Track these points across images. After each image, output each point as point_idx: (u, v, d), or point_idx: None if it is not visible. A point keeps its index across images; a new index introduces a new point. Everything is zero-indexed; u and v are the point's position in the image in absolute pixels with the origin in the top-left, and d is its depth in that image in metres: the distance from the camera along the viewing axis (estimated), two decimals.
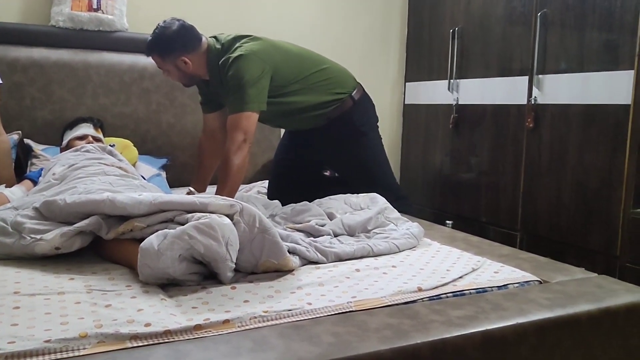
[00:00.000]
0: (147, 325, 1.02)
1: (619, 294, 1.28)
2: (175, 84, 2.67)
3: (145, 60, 2.63)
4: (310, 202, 1.95)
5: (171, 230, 1.21)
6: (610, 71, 2.20)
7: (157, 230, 1.28)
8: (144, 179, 2.19)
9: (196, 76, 2.13)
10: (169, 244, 1.18)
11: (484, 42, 2.80)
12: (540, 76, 2.49)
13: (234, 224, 1.28)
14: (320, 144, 2.29)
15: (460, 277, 1.36)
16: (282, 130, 2.97)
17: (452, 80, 2.98)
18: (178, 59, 2.05)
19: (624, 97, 2.14)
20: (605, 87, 2.22)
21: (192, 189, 2.22)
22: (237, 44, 2.06)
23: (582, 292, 1.29)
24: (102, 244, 1.43)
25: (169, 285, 1.25)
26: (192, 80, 2.16)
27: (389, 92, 3.44)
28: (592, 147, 2.28)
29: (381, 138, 2.38)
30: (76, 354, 0.93)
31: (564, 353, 1.15)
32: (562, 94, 2.40)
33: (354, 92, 2.24)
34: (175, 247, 1.18)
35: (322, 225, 1.71)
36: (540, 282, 1.38)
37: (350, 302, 1.17)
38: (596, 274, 1.44)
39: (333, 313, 1.12)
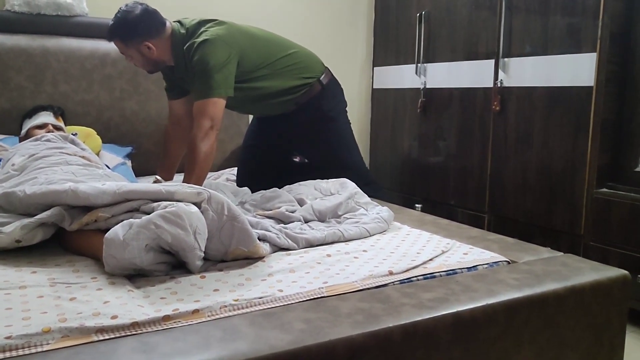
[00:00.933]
0: (114, 317, 0.99)
1: (584, 272, 1.31)
2: (138, 70, 2.60)
3: (107, 46, 2.55)
4: (280, 188, 1.93)
5: (137, 220, 1.18)
6: (573, 54, 2.23)
7: (122, 220, 1.24)
8: (109, 168, 2.14)
9: (160, 62, 2.08)
10: (134, 234, 1.15)
11: (451, 26, 2.81)
12: (505, 59, 2.51)
13: (201, 212, 1.26)
14: (289, 130, 2.26)
15: (431, 260, 1.37)
16: (251, 117, 2.94)
17: (419, 65, 2.99)
18: (141, 44, 1.99)
19: (587, 79, 2.18)
20: (568, 70, 2.25)
21: (158, 177, 2.17)
22: (202, 29, 2.02)
23: (549, 271, 1.31)
24: (65, 236, 1.39)
25: (136, 276, 1.22)
26: (156, 66, 2.11)
27: (357, 77, 3.44)
28: (556, 129, 2.32)
29: (350, 123, 2.37)
30: (39, 349, 0.90)
31: (533, 332, 1.17)
32: (527, 77, 2.43)
33: (322, 76, 2.22)
34: (141, 237, 1.16)
35: (293, 212, 1.69)
36: (509, 263, 1.39)
37: (322, 287, 1.16)
38: (562, 253, 1.47)
39: (304, 299, 1.11)
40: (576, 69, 2.22)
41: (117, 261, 1.17)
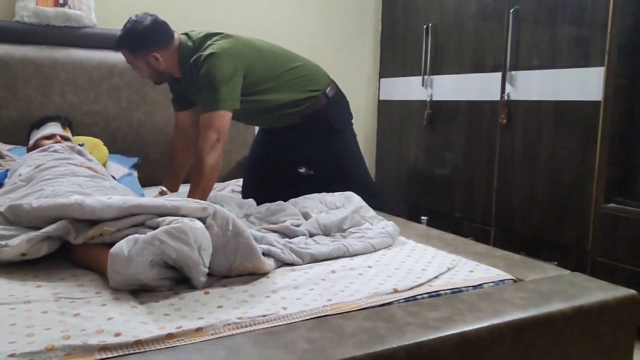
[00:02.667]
0: (117, 335, 0.99)
1: (591, 291, 1.30)
2: (146, 81, 2.61)
3: (115, 57, 2.58)
4: (285, 200, 1.93)
5: (142, 235, 1.18)
6: (581, 68, 2.22)
7: (127, 235, 1.24)
8: (115, 179, 2.14)
9: (167, 73, 2.09)
10: (139, 250, 1.15)
11: (458, 39, 2.81)
12: (513, 72, 2.51)
13: (206, 227, 1.26)
14: (295, 142, 2.27)
15: (436, 277, 1.36)
16: (257, 128, 2.94)
17: (426, 77, 2.99)
18: (149, 55, 2.01)
19: (595, 93, 2.17)
20: (576, 84, 2.24)
21: (164, 188, 2.18)
22: (209, 42, 2.02)
23: (556, 290, 1.30)
24: (70, 249, 1.39)
25: (140, 291, 1.22)
26: (163, 77, 2.12)
27: (364, 88, 3.44)
28: (564, 143, 2.31)
29: (356, 135, 2.37)
30: None
31: (539, 352, 1.16)
32: (535, 91, 2.42)
33: (328, 89, 2.22)
34: (146, 253, 1.15)
35: (298, 226, 1.69)
36: (515, 281, 1.38)
37: (326, 305, 1.16)
38: (569, 271, 1.46)
39: (308, 318, 1.11)
40: (584, 83, 2.21)
41: (121, 277, 1.17)
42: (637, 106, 2.16)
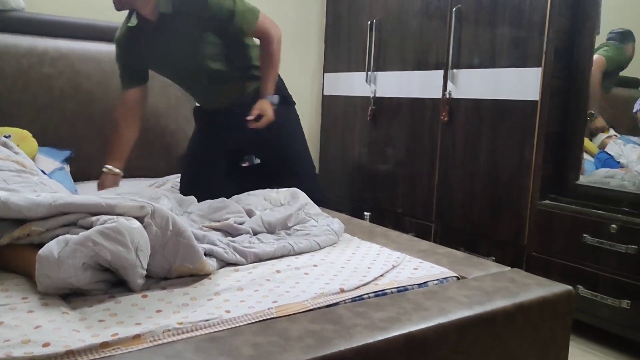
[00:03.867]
0: (46, 345, 0.91)
1: (530, 288, 1.33)
2: (80, 70, 2.49)
3: (46, 43, 2.43)
4: (228, 196, 1.87)
5: (73, 236, 1.10)
6: (519, 68, 2.28)
7: (57, 235, 1.16)
8: (45, 173, 2.02)
9: (137, 2, 1.96)
10: (70, 252, 1.07)
11: (401, 36, 2.82)
12: (454, 71, 2.55)
13: (144, 226, 1.19)
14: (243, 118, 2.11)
15: (381, 275, 1.35)
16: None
17: (369, 73, 2.99)
18: None
19: (532, 93, 2.24)
20: (515, 83, 2.30)
21: (110, 167, 2.08)
22: None
23: (498, 287, 1.32)
24: None
25: (72, 296, 1.14)
26: (130, 4, 1.99)
27: (308, 83, 3.41)
28: (502, 141, 2.37)
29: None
30: None
31: (482, 350, 1.18)
32: (475, 89, 2.47)
33: None
34: (78, 255, 1.08)
35: (241, 223, 1.64)
36: (458, 278, 1.40)
37: (271, 307, 1.12)
38: (509, 268, 1.49)
39: (253, 321, 1.07)
40: (522, 83, 2.27)
41: (51, 281, 1.09)
42: (572, 106, 2.24)
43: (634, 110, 2.36)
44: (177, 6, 1.97)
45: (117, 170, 2.18)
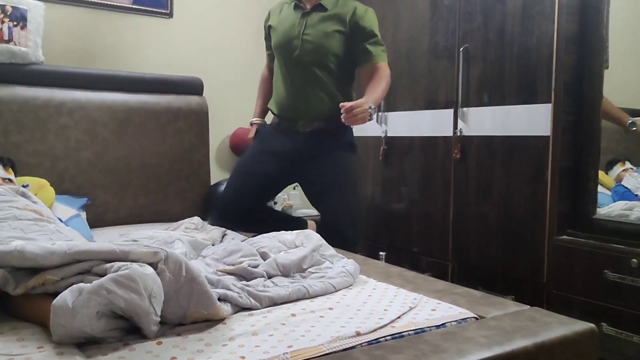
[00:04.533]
0: None
1: (552, 326, 1.29)
2: (97, 120, 2.55)
3: (64, 95, 2.50)
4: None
5: (87, 285, 1.10)
6: (529, 104, 2.29)
7: (72, 284, 1.16)
8: (62, 221, 2.04)
9: None
10: (85, 301, 1.07)
11: (411, 76, 2.86)
12: (464, 109, 2.56)
13: (157, 273, 1.19)
14: (317, 147, 2.32)
15: (398, 317, 1.33)
16: (215, 161, 2.90)
17: (380, 113, 3.02)
18: None
19: (543, 128, 2.24)
20: (525, 119, 2.31)
21: (256, 119, 2.52)
22: None
23: (517, 326, 1.29)
24: (9, 300, 1.29)
25: (87, 344, 1.14)
26: None
27: None
28: (516, 177, 2.35)
29: None
30: None
31: None
32: (486, 126, 2.48)
33: None
34: (92, 304, 1.08)
35: (255, 267, 1.64)
36: (477, 318, 1.37)
37: (287, 352, 1.11)
38: (529, 306, 1.46)
39: None
40: (533, 119, 2.28)
41: (65, 330, 1.09)
42: (584, 141, 2.22)
43: None
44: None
45: (259, 121, 2.55)
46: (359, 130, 3.21)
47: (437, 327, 1.29)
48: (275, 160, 2.35)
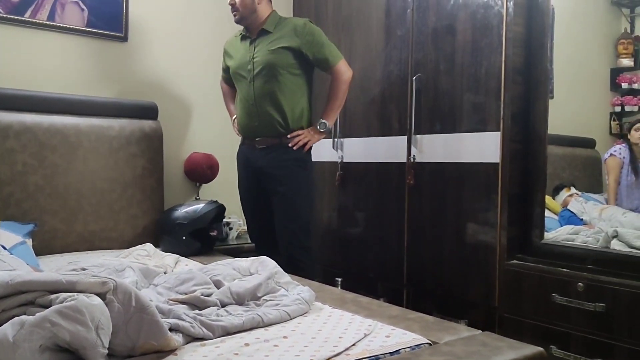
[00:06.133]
0: None
1: (502, 351, 1.32)
2: (45, 143, 2.48)
3: (11, 118, 2.42)
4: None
5: (29, 318, 1.06)
6: (479, 132, 2.36)
7: (14, 316, 1.11)
8: (5, 249, 1.96)
9: (253, 16, 2.51)
10: (27, 334, 1.03)
11: (365, 103, 2.91)
12: (418, 136, 2.62)
13: (106, 303, 1.16)
14: (271, 163, 2.51)
15: (353, 345, 1.33)
16: (169, 187, 2.86)
17: (336, 139, 3.05)
18: None
19: (493, 156, 2.30)
20: (476, 147, 2.37)
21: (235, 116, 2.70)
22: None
23: (469, 352, 1.30)
24: None
25: None
26: (248, 19, 2.51)
27: None
28: (467, 203, 2.41)
29: None
30: None
31: None
32: (438, 153, 2.54)
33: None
34: (34, 338, 1.03)
35: (208, 295, 1.61)
36: (430, 344, 1.38)
37: None
38: (480, 331, 1.48)
39: None
40: (483, 146, 2.34)
41: None
42: (531, 167, 2.30)
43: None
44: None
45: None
46: (315, 156, 3.23)
47: (391, 354, 1.30)
48: (250, 174, 2.62)
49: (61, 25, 2.70)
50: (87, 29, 2.77)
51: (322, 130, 2.52)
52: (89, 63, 2.80)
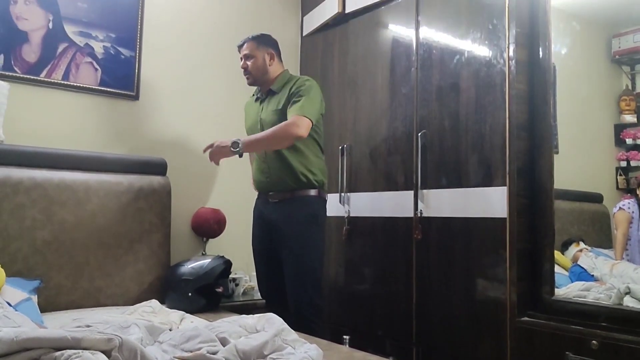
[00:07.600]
0: None
1: None
2: (54, 199, 2.50)
3: (21, 174, 2.46)
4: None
5: None
6: (486, 187, 2.37)
7: None
8: (10, 305, 1.94)
9: (266, 77, 2.61)
10: None
11: (371, 159, 2.94)
12: (424, 191, 2.63)
13: None
14: (282, 217, 2.55)
15: None
16: (176, 242, 2.85)
17: (343, 194, 3.06)
18: (268, 50, 2.62)
19: (500, 211, 2.30)
20: (483, 202, 2.37)
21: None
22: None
23: None
24: None
25: None
26: (260, 80, 2.63)
27: None
28: (475, 258, 2.39)
29: None
30: None
31: None
32: (445, 208, 2.54)
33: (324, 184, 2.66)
34: None
35: (214, 353, 1.57)
36: None
37: None
38: None
39: None
40: (490, 201, 2.35)
41: None
42: (539, 222, 2.29)
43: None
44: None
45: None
46: None
47: None
48: (264, 227, 2.65)
49: (75, 84, 2.78)
50: (100, 88, 2.86)
51: (233, 149, 2.40)
52: (101, 121, 2.87)
